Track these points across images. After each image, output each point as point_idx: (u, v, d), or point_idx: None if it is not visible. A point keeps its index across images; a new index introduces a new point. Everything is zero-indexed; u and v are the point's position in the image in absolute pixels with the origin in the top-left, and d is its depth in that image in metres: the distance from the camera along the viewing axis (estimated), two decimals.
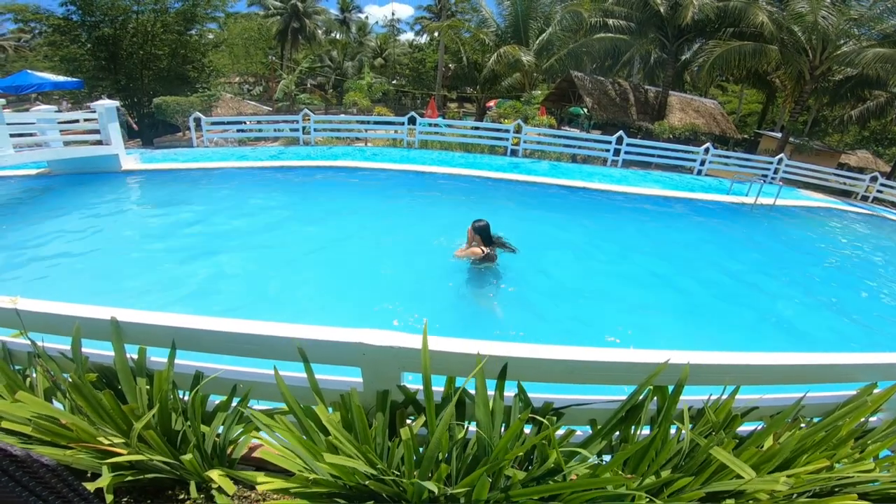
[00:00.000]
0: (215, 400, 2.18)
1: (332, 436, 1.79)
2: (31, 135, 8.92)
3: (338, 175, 10.36)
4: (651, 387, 1.78)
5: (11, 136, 7.92)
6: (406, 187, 9.74)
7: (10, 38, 38.39)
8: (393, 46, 42.43)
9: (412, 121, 14.63)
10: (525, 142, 14.64)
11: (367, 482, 1.67)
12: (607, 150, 14.73)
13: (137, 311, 1.91)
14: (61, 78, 16.82)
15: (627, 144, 14.60)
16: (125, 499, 1.91)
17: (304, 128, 14.68)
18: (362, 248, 6.38)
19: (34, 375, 2.32)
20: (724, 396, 1.91)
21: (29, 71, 17.39)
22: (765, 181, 11.67)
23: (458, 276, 5.24)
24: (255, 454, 2.21)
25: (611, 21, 18.72)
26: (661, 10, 16.88)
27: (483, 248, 4.98)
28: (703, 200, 10.76)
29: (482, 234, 4.97)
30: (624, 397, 1.83)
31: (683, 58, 21.91)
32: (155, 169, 9.76)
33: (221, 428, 2.07)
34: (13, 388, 2.10)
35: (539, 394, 1.88)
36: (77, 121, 9.59)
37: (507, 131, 14.61)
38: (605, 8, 18.82)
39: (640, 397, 1.80)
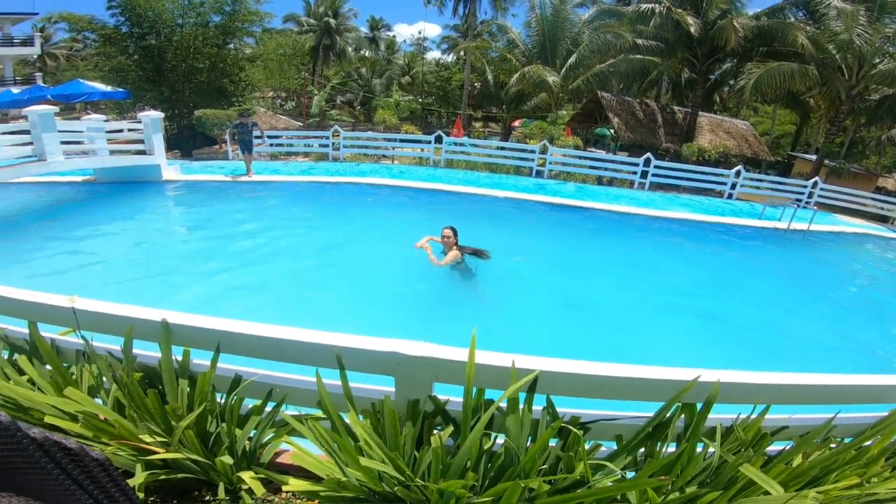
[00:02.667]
0: (248, 403, 2.27)
1: (362, 441, 1.84)
2: (79, 142, 9.34)
3: (365, 191, 10.59)
4: (680, 404, 1.79)
5: (62, 143, 8.33)
6: (430, 206, 9.89)
7: (62, 47, 40.21)
8: (420, 65, 43.29)
9: (438, 139, 14.84)
10: (550, 163, 14.66)
11: (395, 488, 1.72)
12: (634, 173, 14.62)
13: (185, 314, 2.01)
14: (109, 88, 17.67)
15: (655, 167, 14.45)
16: (152, 498, 1.98)
17: (333, 144, 15.06)
18: (384, 259, 6.54)
19: (76, 372, 2.47)
20: (754, 416, 1.91)
21: (80, 80, 18.33)
22: (799, 205, 11.38)
23: (446, 281, 5.81)
24: (281, 459, 2.26)
25: (640, 41, 18.77)
26: (692, 31, 16.83)
27: (459, 250, 5.79)
28: (734, 225, 10.54)
29: (457, 236, 5.85)
30: (651, 414, 1.84)
31: (713, 78, 21.68)
32: (193, 180, 10.18)
33: (254, 431, 2.15)
34: (60, 383, 2.24)
35: (566, 408, 1.91)
36: (122, 130, 10.09)
37: (532, 152, 14.66)
38: (637, 29, 18.88)
39: (668, 414, 1.82)
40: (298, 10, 38.93)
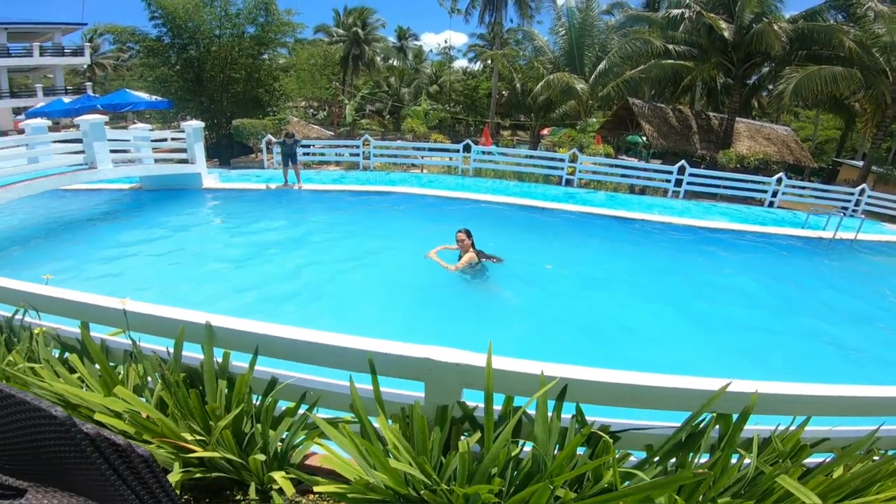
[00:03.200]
0: (281, 405, 2.32)
1: (390, 445, 1.87)
2: (125, 151, 9.80)
3: (395, 200, 10.71)
4: (714, 414, 1.77)
5: (111, 151, 8.77)
6: (460, 214, 9.91)
7: (110, 57, 42.03)
8: (447, 74, 43.67)
9: (467, 148, 14.88)
10: (580, 171, 14.46)
11: (422, 492, 1.74)
12: (668, 181, 14.26)
13: (227, 317, 2.11)
14: (154, 98, 18.49)
15: (690, 174, 14.06)
16: (186, 496, 2.04)
17: (364, 153, 15.32)
18: (413, 267, 6.59)
19: (122, 371, 2.59)
20: (793, 427, 1.86)
21: (127, 90, 19.22)
22: (845, 214, 10.84)
23: (470, 286, 5.89)
24: (311, 461, 2.31)
25: (671, 47, 18.41)
26: (727, 35, 16.37)
27: (475, 253, 5.79)
28: (776, 234, 10.11)
29: (472, 238, 5.85)
30: (677, 423, 1.82)
31: (750, 82, 21.00)
32: (231, 188, 10.56)
33: (286, 433, 2.21)
34: (108, 382, 2.36)
35: (596, 416, 1.90)
36: (165, 139, 10.57)
37: (561, 160, 14.51)
38: (667, 34, 18.53)
39: (702, 424, 1.79)
40: (328, 20, 40.05)
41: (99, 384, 2.41)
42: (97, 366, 2.56)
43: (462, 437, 1.95)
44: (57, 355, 2.63)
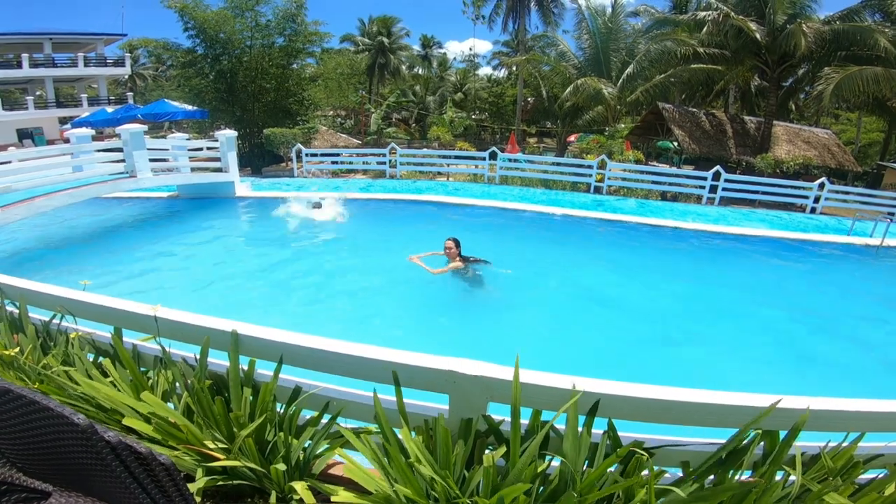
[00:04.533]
0: (305, 414, 2.31)
1: (413, 458, 1.82)
2: (164, 160, 10.14)
3: (423, 208, 10.70)
4: (759, 431, 1.72)
5: (150, 160, 9.07)
6: (489, 222, 9.85)
7: (149, 68, 43.63)
8: (472, 81, 43.78)
9: (493, 156, 14.79)
10: (609, 178, 14.15)
11: None
12: (702, 187, 13.79)
13: (253, 326, 2.12)
14: (191, 108, 19.07)
15: (726, 180, 13.55)
16: (208, 502, 2.05)
17: (390, 161, 15.42)
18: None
19: (152, 376, 2.63)
20: (845, 444, 1.78)
21: (166, 100, 19.85)
22: (892, 220, 10.23)
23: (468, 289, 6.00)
24: (332, 470, 2.29)
25: (702, 50, 17.93)
26: (759, 37, 15.82)
27: (461, 261, 6.08)
28: (820, 242, 9.63)
29: (459, 247, 6.14)
30: (719, 440, 1.77)
31: (786, 85, 20.22)
32: (263, 196, 10.78)
33: (308, 442, 2.19)
34: (138, 387, 2.39)
35: (627, 432, 1.85)
36: (201, 149, 10.90)
37: (589, 167, 14.22)
38: (695, 37, 18.07)
39: (745, 441, 1.73)
40: (353, 30, 40.48)
41: (129, 388, 2.45)
42: (128, 370, 2.62)
43: (488, 451, 1.91)
44: (91, 359, 2.69)
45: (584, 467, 1.75)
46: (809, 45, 14.95)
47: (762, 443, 1.76)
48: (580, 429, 1.75)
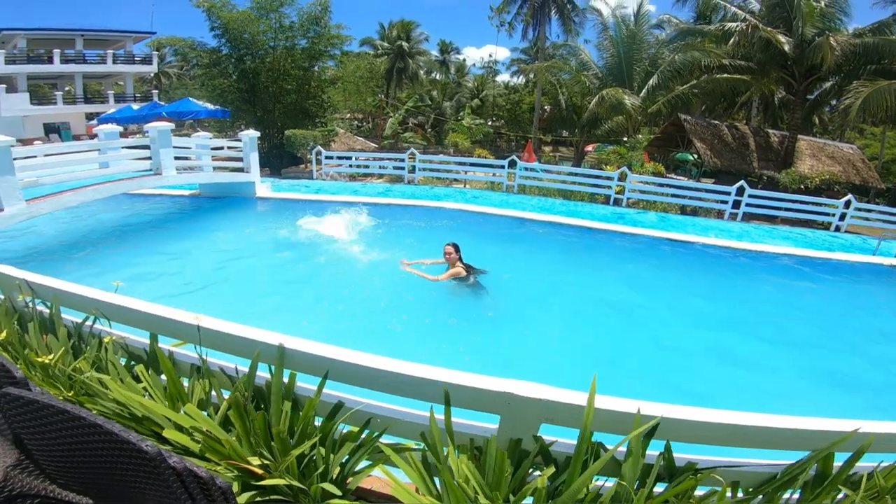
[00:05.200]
0: (342, 428, 2.25)
1: (461, 478, 1.80)
2: (186, 158, 10.22)
3: (442, 216, 10.56)
4: (816, 452, 1.78)
5: (174, 158, 9.12)
6: (510, 232, 9.74)
7: (174, 66, 44.03)
8: (490, 88, 43.76)
9: (512, 164, 14.63)
10: (630, 190, 13.93)
11: None
12: (725, 202, 13.54)
13: (299, 339, 2.06)
14: (213, 107, 19.15)
15: (749, 196, 13.29)
16: None
17: (408, 166, 15.39)
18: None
19: (188, 386, 2.56)
20: None
21: (190, 99, 19.93)
22: None
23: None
24: (367, 486, 2.24)
25: (727, 61, 17.70)
26: (787, 49, 15.57)
27: (463, 267, 5.89)
28: (845, 261, 9.37)
29: (459, 252, 5.97)
30: (768, 461, 1.84)
31: (811, 98, 19.88)
32: (283, 198, 10.78)
33: (346, 458, 2.12)
34: (174, 396, 2.33)
35: (679, 453, 1.88)
36: (222, 148, 10.94)
37: (609, 178, 14.00)
38: (721, 48, 17.85)
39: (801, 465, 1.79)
40: (373, 34, 40.68)
41: (163, 396, 2.39)
42: (162, 377, 2.55)
43: (533, 472, 1.91)
44: (123, 364, 2.64)
45: (636, 487, 1.76)
46: (836, 59, 14.71)
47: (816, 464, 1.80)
48: (622, 449, 1.77)
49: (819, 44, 14.74)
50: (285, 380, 2.18)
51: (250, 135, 10.55)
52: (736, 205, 13.37)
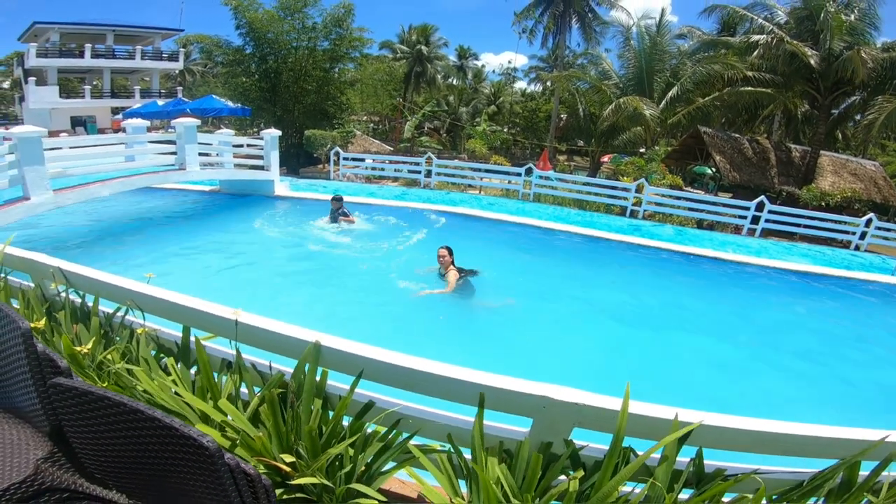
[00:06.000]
0: (368, 427, 2.25)
1: (493, 480, 1.81)
2: (208, 154, 10.31)
3: (458, 221, 10.58)
4: (842, 460, 1.81)
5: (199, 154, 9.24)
6: (529, 241, 9.72)
7: (198, 64, 44.14)
8: (507, 94, 43.68)
9: (528, 172, 14.56)
10: (647, 202, 13.79)
11: None
12: (743, 217, 13.36)
13: (335, 338, 2.07)
14: (236, 105, 19.31)
15: (769, 211, 13.11)
16: None
17: (425, 171, 15.35)
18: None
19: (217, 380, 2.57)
20: None
21: (213, 96, 20.20)
22: None
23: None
24: (391, 488, 2.30)
25: (750, 73, 17.52)
26: (813, 63, 15.35)
27: (455, 269, 6.00)
28: (864, 281, 9.25)
29: (452, 255, 6.08)
30: (792, 468, 1.89)
31: (835, 112, 19.60)
32: (300, 197, 10.86)
33: (372, 457, 2.12)
34: (204, 391, 2.34)
35: (708, 460, 1.90)
36: (242, 145, 11.03)
37: (627, 189, 13.87)
38: (744, 60, 17.66)
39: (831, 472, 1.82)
40: (392, 37, 40.73)
41: (190, 390, 2.40)
42: (192, 371, 2.57)
43: (561, 476, 1.92)
44: (153, 356, 2.66)
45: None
46: (868, 73, 14.47)
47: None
48: (657, 455, 1.79)
49: (849, 57, 14.50)
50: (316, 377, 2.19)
51: (272, 133, 10.61)
52: (755, 220, 13.19)
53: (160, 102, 21.74)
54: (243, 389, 2.38)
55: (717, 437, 1.79)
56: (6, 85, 46.47)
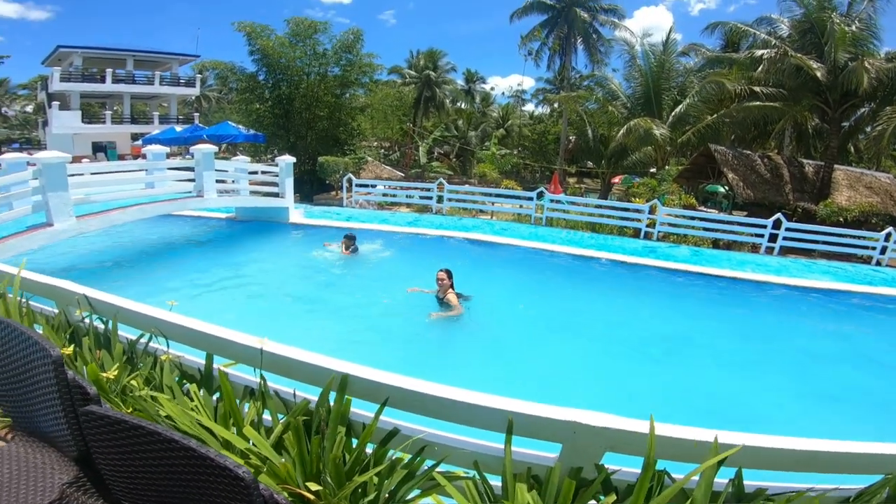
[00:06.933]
0: (391, 454, 2.21)
1: None
2: (224, 181, 10.44)
3: (473, 246, 10.48)
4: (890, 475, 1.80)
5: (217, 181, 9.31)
6: (545, 266, 9.66)
7: (214, 89, 45.28)
8: (515, 117, 44.01)
9: (540, 196, 14.44)
10: (661, 223, 13.59)
11: None
12: (761, 235, 13.16)
13: (363, 367, 2.07)
14: (250, 131, 19.59)
15: (787, 229, 12.91)
16: None
17: (438, 196, 15.27)
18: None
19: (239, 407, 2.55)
20: None
21: (229, 122, 20.42)
22: None
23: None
24: None
25: (757, 88, 17.53)
26: (819, 75, 15.32)
27: (455, 294, 6.13)
28: (889, 296, 9.04)
29: (452, 278, 6.20)
30: (833, 485, 1.86)
31: (846, 125, 19.44)
32: (315, 224, 10.88)
33: (395, 485, 2.07)
34: (226, 417, 2.32)
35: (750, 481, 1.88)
36: (257, 172, 11.17)
37: (640, 211, 13.70)
38: (752, 76, 17.70)
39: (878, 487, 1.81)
40: (399, 62, 41.33)
41: (213, 417, 2.38)
42: (214, 397, 2.56)
43: (592, 501, 1.89)
44: (177, 381, 2.65)
45: None
46: (872, 83, 14.40)
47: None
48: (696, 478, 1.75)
49: (854, 68, 14.47)
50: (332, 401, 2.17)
51: (287, 160, 10.72)
52: (772, 238, 13.00)
53: (178, 128, 22.00)
54: (265, 416, 2.37)
55: (757, 458, 1.78)
56: (30, 109, 47.68)
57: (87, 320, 3.09)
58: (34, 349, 1.74)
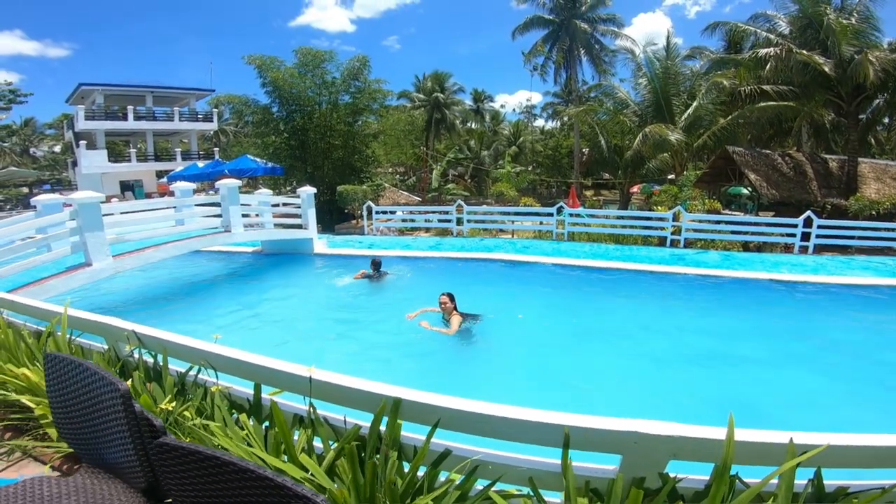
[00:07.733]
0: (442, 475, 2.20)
1: None
2: (248, 216, 10.56)
3: (498, 267, 10.43)
4: None
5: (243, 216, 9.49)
6: (566, 281, 9.53)
7: (230, 123, 45.15)
8: (526, 134, 44.03)
9: (559, 211, 14.28)
10: (686, 230, 13.31)
11: None
12: (792, 235, 12.80)
13: (414, 391, 2.08)
14: (269, 164, 19.84)
15: (819, 226, 12.54)
16: None
17: (457, 219, 15.26)
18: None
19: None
20: None
21: (248, 156, 20.64)
22: None
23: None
24: None
25: (768, 87, 17.28)
26: (827, 70, 15.04)
27: (459, 314, 6.23)
28: None
29: (454, 301, 6.32)
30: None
31: (863, 117, 18.90)
32: (338, 254, 10.93)
33: None
34: (278, 446, 2.34)
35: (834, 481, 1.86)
36: (278, 205, 11.38)
37: (663, 219, 13.44)
38: (760, 75, 17.47)
39: None
40: (407, 86, 41.50)
41: (263, 445, 2.41)
42: (264, 426, 2.59)
43: None
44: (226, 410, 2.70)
45: None
46: (879, 75, 14.05)
47: None
48: (775, 481, 1.75)
49: (859, 61, 14.20)
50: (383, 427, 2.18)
51: (308, 191, 10.88)
52: (804, 237, 12.63)
53: (200, 164, 22.27)
54: (315, 443, 2.39)
55: (837, 457, 1.75)
56: (58, 149, 47.76)
57: (135, 354, 3.20)
58: (101, 384, 1.80)
